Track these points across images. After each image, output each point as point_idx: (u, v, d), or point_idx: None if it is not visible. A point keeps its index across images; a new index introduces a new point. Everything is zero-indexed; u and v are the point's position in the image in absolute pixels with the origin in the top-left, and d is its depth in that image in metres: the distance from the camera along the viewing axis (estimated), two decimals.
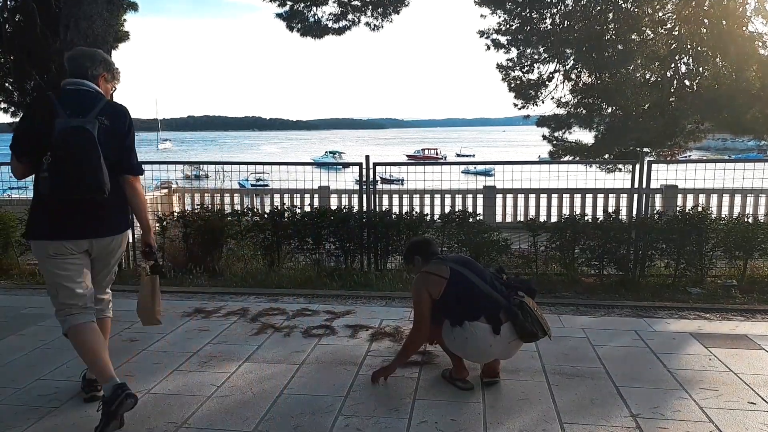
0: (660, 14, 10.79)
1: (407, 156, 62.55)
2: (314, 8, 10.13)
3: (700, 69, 10.66)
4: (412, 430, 3.11)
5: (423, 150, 69.27)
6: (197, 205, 8.10)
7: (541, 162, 11.26)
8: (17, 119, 11.13)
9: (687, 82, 11.04)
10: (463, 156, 71.02)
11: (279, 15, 10.24)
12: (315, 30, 10.28)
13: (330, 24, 10.23)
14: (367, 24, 10.21)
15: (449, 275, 3.55)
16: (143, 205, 3.50)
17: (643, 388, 3.61)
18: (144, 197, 3.53)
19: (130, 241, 7.49)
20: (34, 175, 3.12)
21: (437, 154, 65.25)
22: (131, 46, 11.96)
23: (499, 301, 3.49)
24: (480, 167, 17.78)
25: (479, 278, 3.57)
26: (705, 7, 10.44)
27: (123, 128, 3.25)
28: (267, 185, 12.05)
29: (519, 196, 10.73)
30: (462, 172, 12.91)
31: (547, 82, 11.91)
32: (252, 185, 13.57)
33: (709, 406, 3.37)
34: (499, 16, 11.49)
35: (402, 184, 11.91)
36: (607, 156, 11.79)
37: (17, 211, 7.65)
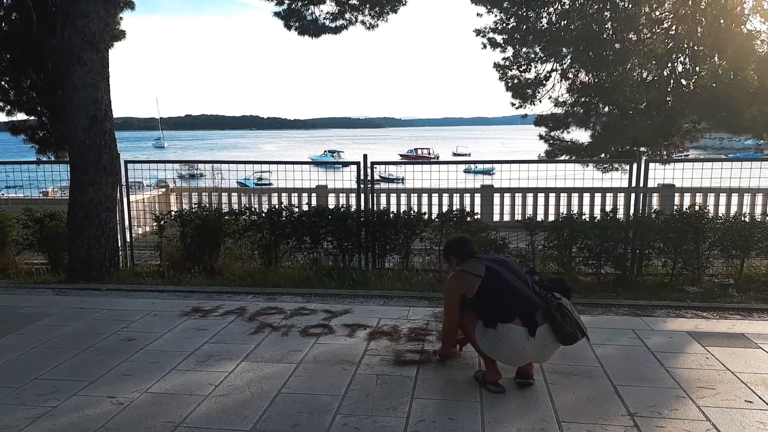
0: (657, 13, 10.79)
1: (400, 155, 62.54)
2: (312, 7, 10.10)
3: (697, 68, 10.66)
4: (410, 428, 3.11)
5: (416, 149, 69.23)
6: (195, 204, 8.10)
7: (538, 161, 11.26)
8: (13, 117, 11.11)
9: (684, 81, 11.04)
10: (459, 155, 71.04)
11: (277, 13, 10.22)
12: (312, 28, 10.26)
13: (327, 23, 10.21)
14: (364, 23, 10.20)
15: (484, 274, 3.51)
16: None
17: (641, 387, 3.62)
18: None
19: (128, 240, 7.51)
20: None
21: (429, 153, 65.23)
22: (128, 44, 11.94)
23: (537, 303, 3.44)
24: (481, 166, 17.81)
25: (516, 277, 3.53)
26: (702, 6, 10.44)
27: None
28: (270, 184, 12.08)
29: (516, 195, 10.74)
30: (464, 171, 12.91)
31: (544, 81, 11.90)
32: (255, 184, 13.62)
33: (707, 404, 3.37)
34: (496, 15, 11.47)
35: (403, 183, 11.92)
36: (604, 155, 11.80)
37: (14, 211, 7.64)
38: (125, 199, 7.47)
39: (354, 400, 3.46)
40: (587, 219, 6.55)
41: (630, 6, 10.16)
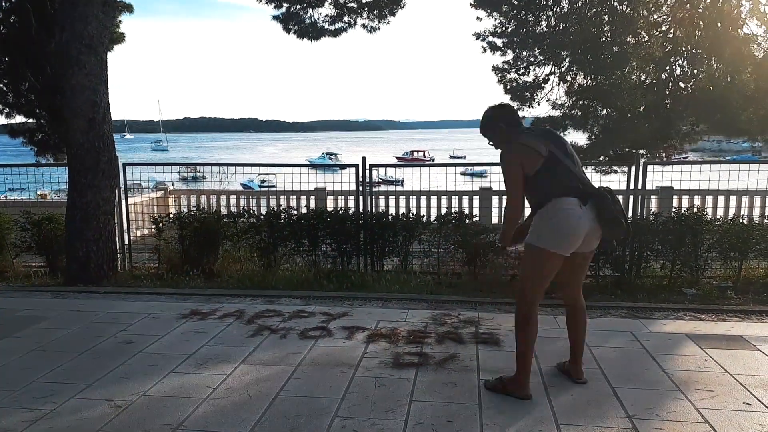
0: (655, 17, 10.82)
1: (396, 158, 62.66)
2: (311, 10, 10.12)
3: (695, 71, 10.69)
4: (409, 431, 3.11)
5: (411, 152, 69.26)
6: (193, 206, 8.10)
7: None
8: (11, 120, 11.11)
9: (682, 84, 11.08)
10: (455, 158, 71.09)
11: (276, 17, 10.24)
12: (311, 32, 10.28)
13: (326, 26, 10.23)
14: (364, 26, 10.22)
15: (548, 154, 3.37)
16: None
17: (639, 389, 3.62)
18: None
19: (126, 243, 7.50)
20: None
21: (425, 156, 65.27)
22: (125, 48, 11.91)
23: (589, 187, 3.43)
24: (474, 169, 17.81)
25: (572, 163, 3.45)
26: (700, 10, 10.48)
27: None
28: (273, 186, 12.12)
29: None
30: (461, 174, 12.94)
31: (542, 84, 11.93)
32: (259, 186, 13.69)
33: (705, 407, 3.37)
34: (495, 19, 11.51)
35: (402, 185, 11.91)
36: (602, 158, 11.83)
37: (13, 213, 7.64)
38: (123, 202, 7.47)
39: (352, 402, 3.45)
40: None
41: (628, 9, 10.18)
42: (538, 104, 11.96)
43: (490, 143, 3.67)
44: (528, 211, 3.66)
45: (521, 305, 3.50)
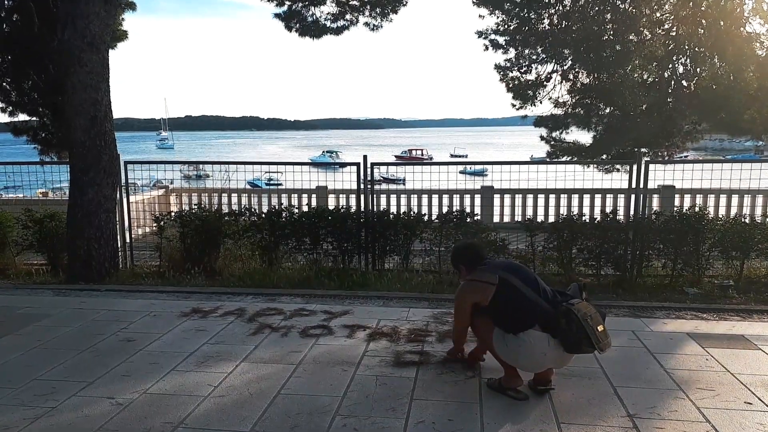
0: (658, 15, 10.79)
1: (395, 156, 62.68)
2: (312, 8, 10.11)
3: (698, 69, 10.67)
4: (410, 430, 3.11)
5: (409, 150, 69.33)
6: (195, 204, 8.10)
7: (535, 162, 11.28)
8: (15, 119, 11.12)
9: (684, 83, 11.05)
10: (456, 156, 71.08)
11: (277, 15, 10.23)
12: (313, 30, 10.26)
13: (328, 24, 10.21)
14: (366, 24, 10.21)
15: (497, 282, 3.47)
16: None
17: (640, 388, 3.61)
18: None
19: (128, 241, 7.51)
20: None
21: (422, 154, 65.32)
22: (127, 46, 11.92)
23: (548, 309, 3.36)
24: (475, 167, 17.83)
25: (525, 285, 3.45)
26: (703, 8, 10.45)
27: None
28: (280, 184, 12.18)
29: (517, 196, 10.73)
30: (460, 173, 12.97)
31: (545, 83, 11.91)
32: (266, 184, 13.79)
33: (706, 406, 3.37)
34: (498, 17, 11.49)
35: (404, 184, 11.91)
36: (604, 156, 11.81)
37: (14, 211, 7.64)
38: (125, 200, 7.47)
39: (353, 401, 3.45)
40: (587, 220, 6.55)
41: (631, 8, 10.17)
42: (541, 102, 11.94)
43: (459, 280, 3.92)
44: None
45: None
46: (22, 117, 11.24)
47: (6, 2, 10.37)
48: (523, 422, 3.19)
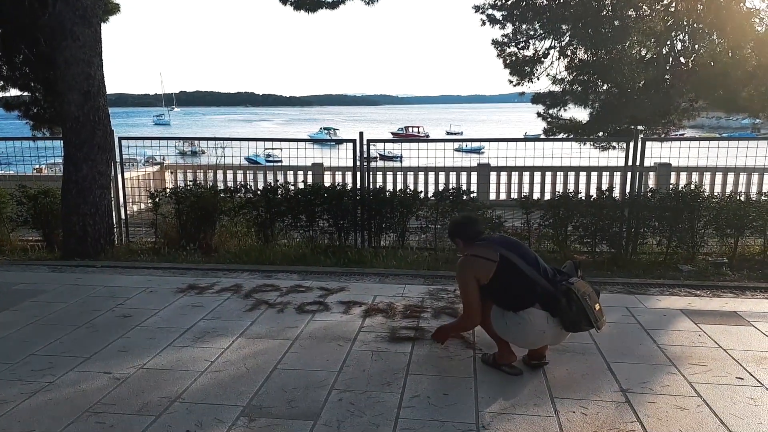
0: None
1: (392, 134, 62.48)
2: None
3: (696, 46, 10.58)
4: (405, 404, 3.15)
5: (405, 128, 69.03)
6: (190, 181, 8.07)
7: (531, 139, 11.25)
8: (6, 94, 10.98)
9: (682, 60, 10.96)
10: (452, 134, 70.84)
11: None
12: (308, 3, 10.11)
13: None
14: None
15: (498, 259, 3.41)
16: None
17: (633, 363, 3.65)
18: None
19: (123, 217, 7.49)
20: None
21: (419, 132, 65.12)
22: (120, 19, 11.68)
23: (548, 287, 3.36)
24: (471, 145, 17.75)
25: (526, 263, 3.42)
26: None
27: None
28: (280, 161, 12.17)
29: (513, 173, 10.72)
30: (455, 150, 12.93)
31: (542, 59, 11.80)
32: (266, 160, 13.78)
33: (698, 381, 3.41)
34: None
35: (401, 161, 11.89)
36: (601, 134, 11.77)
37: (8, 187, 7.60)
38: (120, 176, 7.43)
39: (349, 375, 3.48)
40: (583, 197, 6.55)
41: None
42: (538, 79, 11.83)
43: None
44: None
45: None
46: (14, 92, 11.12)
47: None
48: (517, 397, 3.22)
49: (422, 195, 6.96)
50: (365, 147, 6.92)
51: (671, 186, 6.73)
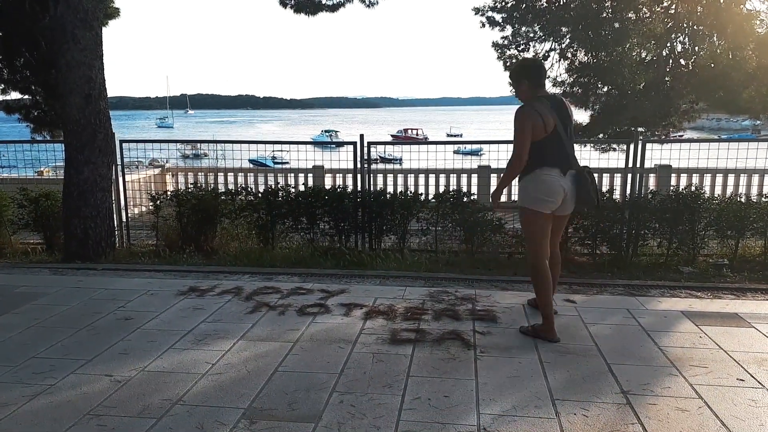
0: None
1: (392, 136, 62.55)
2: None
3: (696, 48, 10.59)
4: (406, 406, 3.15)
5: (404, 130, 69.07)
6: (191, 183, 8.08)
7: None
8: (7, 97, 11.00)
9: (683, 62, 10.96)
10: (452, 136, 70.92)
11: None
12: (309, 6, 10.12)
13: (324, 0, 10.09)
14: (362, 0, 10.09)
15: (552, 131, 3.78)
16: None
17: (634, 365, 3.65)
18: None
19: (124, 220, 7.50)
20: None
21: (417, 134, 65.20)
22: (122, 23, 11.73)
23: (576, 163, 3.90)
24: (470, 147, 17.77)
25: (569, 138, 3.87)
26: None
27: None
28: (287, 163, 12.21)
29: None
30: (454, 152, 12.95)
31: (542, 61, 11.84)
32: (273, 163, 13.85)
33: (699, 383, 3.41)
34: None
35: (400, 164, 11.90)
36: (601, 135, 11.77)
37: (9, 190, 7.61)
38: (121, 179, 7.44)
39: (350, 378, 3.48)
40: None
41: None
42: None
43: (512, 91, 4.30)
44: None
45: (530, 258, 4.13)
46: (15, 95, 11.14)
47: None
48: (518, 399, 3.22)
49: (423, 197, 6.96)
50: (366, 149, 6.93)
51: (672, 187, 6.74)
